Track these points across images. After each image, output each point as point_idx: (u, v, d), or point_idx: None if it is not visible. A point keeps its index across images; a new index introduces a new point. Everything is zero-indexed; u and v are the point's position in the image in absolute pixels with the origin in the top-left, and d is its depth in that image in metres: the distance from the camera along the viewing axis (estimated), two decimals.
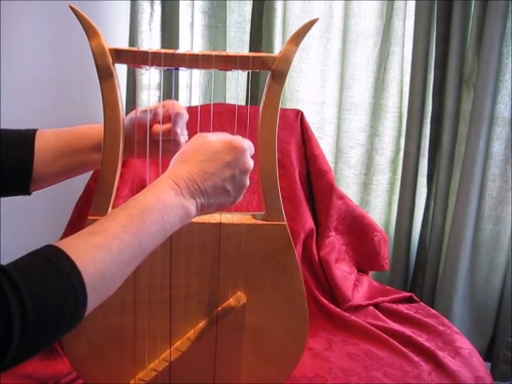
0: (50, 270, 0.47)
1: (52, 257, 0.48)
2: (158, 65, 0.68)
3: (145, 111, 0.76)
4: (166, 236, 0.58)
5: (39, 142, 0.75)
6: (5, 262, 0.47)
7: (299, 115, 1.38)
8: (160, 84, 1.43)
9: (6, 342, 0.43)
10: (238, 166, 0.63)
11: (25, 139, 0.75)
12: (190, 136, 0.72)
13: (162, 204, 0.57)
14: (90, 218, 0.70)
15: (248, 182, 0.65)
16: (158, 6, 1.46)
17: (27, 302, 0.45)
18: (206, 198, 0.61)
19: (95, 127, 0.76)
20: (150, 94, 1.48)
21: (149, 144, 0.74)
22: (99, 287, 0.51)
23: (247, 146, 0.64)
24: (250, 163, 0.65)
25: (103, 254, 0.51)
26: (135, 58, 0.68)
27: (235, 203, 0.66)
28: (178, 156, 0.64)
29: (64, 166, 0.77)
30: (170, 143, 0.76)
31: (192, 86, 1.54)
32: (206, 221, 0.73)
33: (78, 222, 1.21)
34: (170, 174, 0.61)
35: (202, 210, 0.62)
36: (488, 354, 1.52)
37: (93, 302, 0.51)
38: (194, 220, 0.72)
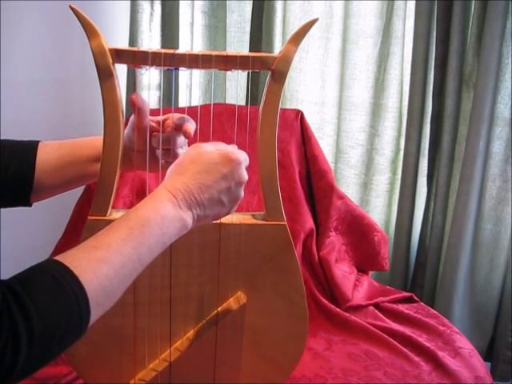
0: (55, 287, 0.48)
1: (56, 272, 0.49)
2: (158, 65, 0.68)
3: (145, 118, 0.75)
4: (164, 247, 0.59)
5: (41, 153, 0.75)
6: (5, 261, 0.47)
7: (299, 115, 1.38)
8: (160, 84, 1.43)
9: (14, 358, 0.44)
10: (234, 178, 0.63)
11: (26, 150, 0.75)
12: (190, 143, 0.72)
13: (160, 217, 0.58)
14: (89, 217, 0.70)
15: (242, 194, 0.66)
16: (157, 6, 1.46)
17: (34, 319, 0.45)
18: (202, 210, 0.62)
19: (97, 138, 0.76)
20: (149, 94, 1.48)
21: (149, 153, 0.73)
22: (101, 301, 0.52)
23: (243, 158, 0.65)
24: (245, 176, 0.65)
25: (105, 268, 0.52)
26: (135, 58, 0.68)
27: (229, 214, 0.66)
28: (175, 167, 0.64)
29: (65, 177, 0.76)
30: (170, 154, 0.75)
31: (192, 86, 1.54)
32: None
33: (78, 221, 1.21)
34: (167, 185, 0.61)
35: (198, 221, 0.62)
36: (488, 354, 1.52)
37: (95, 315, 0.52)
38: None
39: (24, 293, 0.46)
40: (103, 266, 0.52)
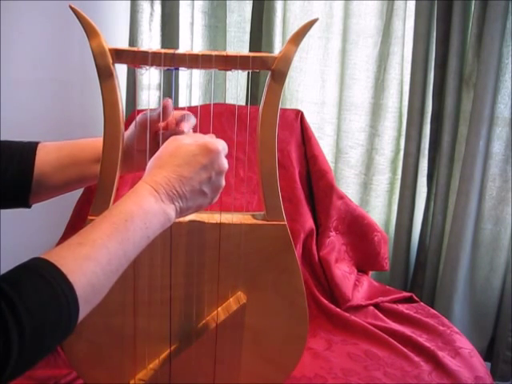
0: (44, 285, 0.48)
1: (44, 271, 0.49)
2: (158, 65, 0.68)
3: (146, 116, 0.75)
4: (149, 242, 0.59)
5: (40, 154, 0.75)
6: (5, 261, 0.47)
7: (299, 115, 1.38)
8: (160, 84, 1.43)
9: (5, 358, 0.44)
10: (214, 168, 0.63)
11: (26, 151, 0.75)
12: None
13: (143, 211, 0.58)
14: (89, 217, 0.69)
15: (224, 183, 0.66)
16: (158, 6, 1.46)
17: (24, 318, 0.45)
18: (185, 202, 0.62)
19: (97, 140, 0.76)
20: (150, 94, 1.48)
21: (150, 152, 0.73)
22: (89, 298, 0.52)
23: (222, 147, 0.65)
24: (225, 164, 0.65)
25: (92, 265, 0.52)
26: (135, 58, 0.68)
27: (212, 203, 0.66)
28: (154, 161, 0.64)
29: (64, 178, 0.76)
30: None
31: (192, 86, 1.54)
32: (206, 221, 0.73)
33: (77, 221, 1.21)
34: (147, 179, 0.61)
35: (181, 213, 0.63)
36: (488, 354, 1.52)
37: (84, 312, 0.52)
38: (194, 220, 0.72)
39: (13, 292, 0.45)
40: (90, 263, 0.52)
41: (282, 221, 0.74)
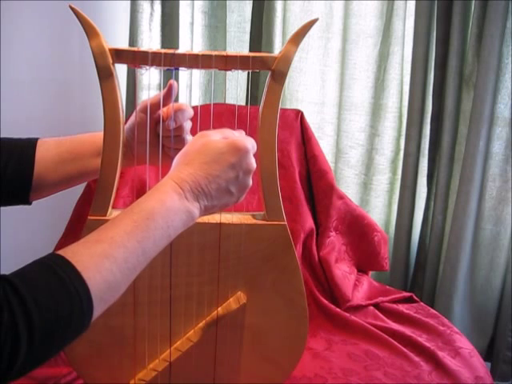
0: (56, 282, 0.47)
1: (58, 267, 0.48)
2: (158, 65, 0.68)
3: (145, 110, 0.75)
4: (170, 240, 0.58)
5: (40, 150, 0.75)
6: (5, 260, 0.47)
7: (299, 115, 1.38)
8: (160, 84, 1.43)
9: (13, 355, 0.43)
10: (242, 167, 0.62)
11: (26, 148, 0.75)
12: (193, 135, 0.72)
13: (166, 209, 0.57)
14: (90, 217, 0.70)
15: (251, 182, 0.65)
16: (158, 6, 1.46)
17: (34, 315, 0.44)
18: (210, 200, 0.61)
19: (97, 134, 0.75)
20: (149, 94, 1.47)
21: (149, 144, 0.73)
22: (105, 296, 0.51)
23: (251, 145, 0.63)
24: (254, 164, 0.64)
25: (108, 263, 0.51)
26: (135, 58, 0.68)
27: (237, 202, 0.65)
28: (181, 157, 0.63)
29: (65, 174, 0.76)
30: (171, 141, 0.75)
31: (192, 86, 1.54)
32: (206, 221, 0.73)
33: (78, 221, 1.21)
34: (173, 176, 0.60)
35: (206, 211, 0.62)
36: (488, 354, 1.52)
37: (99, 311, 0.51)
38: None
39: (23, 287, 0.45)
40: (106, 260, 0.51)
41: (282, 221, 0.74)
